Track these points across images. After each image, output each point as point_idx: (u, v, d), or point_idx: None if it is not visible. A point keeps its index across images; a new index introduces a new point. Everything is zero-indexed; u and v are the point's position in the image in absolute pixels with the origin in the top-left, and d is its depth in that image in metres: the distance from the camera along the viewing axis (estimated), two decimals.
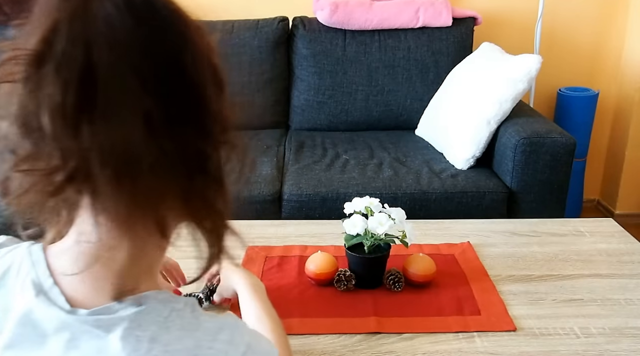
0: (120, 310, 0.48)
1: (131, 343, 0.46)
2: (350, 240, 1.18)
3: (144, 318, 0.48)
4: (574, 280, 1.21)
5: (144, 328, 0.47)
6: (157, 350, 0.46)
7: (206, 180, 0.49)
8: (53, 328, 0.48)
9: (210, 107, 0.49)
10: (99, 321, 0.47)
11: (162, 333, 0.47)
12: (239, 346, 0.50)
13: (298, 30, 2.48)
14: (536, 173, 1.96)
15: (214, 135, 0.49)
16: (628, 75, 2.68)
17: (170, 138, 0.45)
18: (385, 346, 1.00)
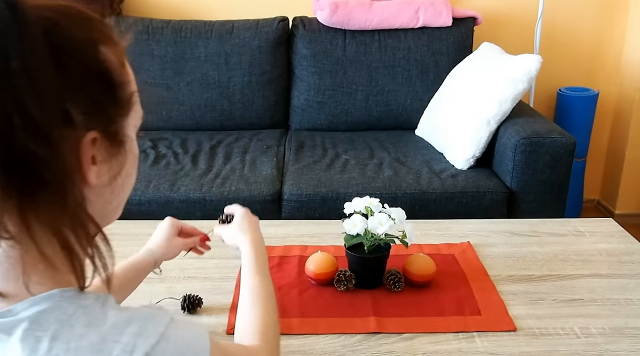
0: (21, 311, 0.47)
1: (30, 343, 0.45)
2: (350, 240, 1.18)
3: (46, 317, 0.47)
4: (574, 280, 1.21)
5: (44, 327, 0.46)
6: (58, 349, 0.46)
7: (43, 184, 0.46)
8: None
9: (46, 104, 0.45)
10: (0, 325, 0.46)
11: (65, 330, 0.47)
12: (150, 337, 0.49)
13: (298, 30, 2.48)
14: (536, 173, 1.96)
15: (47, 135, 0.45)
16: (628, 75, 2.68)
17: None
18: (385, 346, 1.00)
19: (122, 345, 0.47)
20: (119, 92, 0.53)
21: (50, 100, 0.45)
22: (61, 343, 0.46)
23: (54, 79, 0.46)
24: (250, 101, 2.48)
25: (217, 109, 2.46)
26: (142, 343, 0.48)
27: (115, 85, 0.52)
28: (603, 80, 2.76)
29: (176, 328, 0.52)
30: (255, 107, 2.49)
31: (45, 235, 0.48)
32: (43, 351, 0.45)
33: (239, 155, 2.21)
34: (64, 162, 0.46)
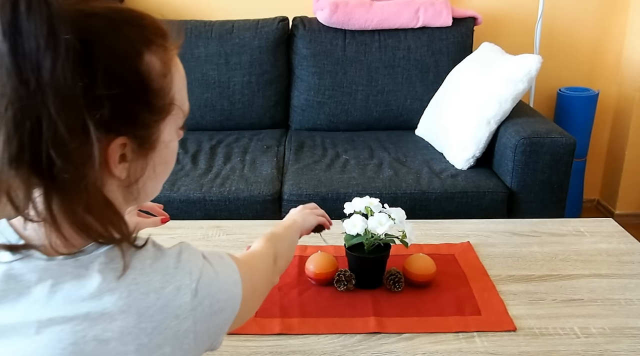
0: (94, 251, 0.54)
1: (110, 273, 0.53)
2: (350, 240, 1.18)
3: (116, 253, 0.55)
4: (574, 280, 1.21)
5: (117, 261, 0.54)
6: (134, 274, 0.54)
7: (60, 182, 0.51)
8: (35, 278, 0.53)
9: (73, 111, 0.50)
10: (78, 261, 0.54)
11: (135, 262, 0.55)
12: (198, 261, 0.59)
13: (298, 30, 2.48)
14: (536, 173, 1.96)
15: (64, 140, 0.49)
16: (628, 75, 2.68)
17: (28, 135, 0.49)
18: (385, 346, 1.00)
19: (182, 267, 0.57)
20: (156, 100, 0.56)
21: (73, 115, 0.49)
22: (134, 270, 0.54)
23: (80, 96, 0.49)
24: (250, 101, 2.48)
25: (217, 109, 2.46)
26: (194, 266, 0.58)
27: (152, 94, 0.56)
28: (603, 80, 2.76)
29: (208, 253, 0.62)
30: (255, 107, 2.49)
31: (67, 220, 0.52)
32: (122, 278, 0.53)
33: (239, 155, 2.21)
34: (78, 167, 0.51)
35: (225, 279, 0.61)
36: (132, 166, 0.57)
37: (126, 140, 0.54)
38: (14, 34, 0.47)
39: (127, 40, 0.54)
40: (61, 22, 0.48)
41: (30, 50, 0.47)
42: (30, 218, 0.53)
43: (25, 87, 0.47)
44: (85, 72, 0.49)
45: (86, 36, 0.50)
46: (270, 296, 1.14)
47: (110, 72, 0.51)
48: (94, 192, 0.53)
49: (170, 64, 0.58)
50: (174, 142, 0.62)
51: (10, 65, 0.47)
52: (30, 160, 0.49)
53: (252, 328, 1.05)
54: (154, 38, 0.56)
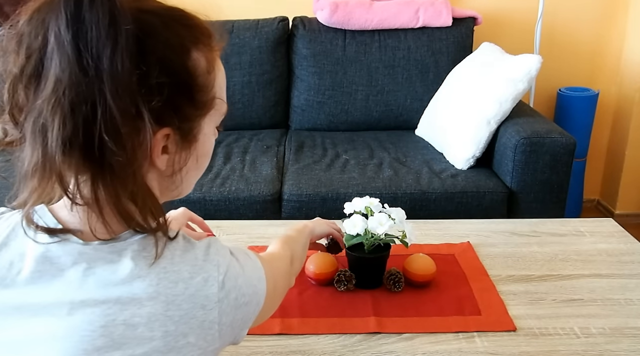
0: (128, 238, 0.57)
1: (141, 260, 0.55)
2: (350, 240, 1.18)
3: (148, 242, 0.57)
4: (574, 280, 1.21)
5: (149, 249, 0.56)
6: (164, 263, 0.56)
7: (111, 170, 0.54)
8: (70, 261, 0.55)
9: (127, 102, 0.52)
10: (113, 247, 0.56)
11: (166, 251, 0.57)
12: (225, 256, 0.61)
13: (298, 30, 2.48)
14: (536, 173, 1.96)
15: (119, 129, 0.52)
16: (628, 75, 2.68)
17: (82, 123, 0.51)
18: (385, 346, 1.00)
19: (210, 258, 0.59)
20: (199, 95, 0.59)
21: (128, 101, 0.52)
22: (165, 260, 0.56)
23: (135, 84, 0.52)
24: (250, 101, 2.48)
25: None
26: (222, 260, 0.60)
27: (196, 89, 0.59)
28: (603, 80, 2.76)
29: (234, 249, 0.64)
30: (255, 107, 2.49)
31: (110, 205, 0.55)
32: (153, 266, 0.55)
33: (239, 155, 2.21)
34: (128, 152, 0.53)
35: (251, 274, 0.63)
36: (173, 158, 0.59)
37: (170, 131, 0.57)
38: (77, 23, 0.50)
39: (178, 37, 0.57)
40: (122, 14, 0.51)
41: (91, 39, 0.50)
42: (76, 201, 0.54)
43: (84, 73, 0.50)
44: (140, 62, 0.52)
45: (143, 30, 0.53)
46: None
47: (162, 65, 0.54)
48: (139, 180, 0.56)
49: (214, 63, 0.61)
50: (213, 137, 0.66)
51: (72, 52, 0.50)
52: (82, 143, 0.51)
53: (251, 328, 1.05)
54: (201, 37, 0.60)
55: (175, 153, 0.59)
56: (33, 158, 0.53)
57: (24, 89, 0.53)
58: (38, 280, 0.55)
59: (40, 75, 0.52)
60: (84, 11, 0.50)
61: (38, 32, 0.51)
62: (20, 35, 0.53)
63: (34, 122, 0.52)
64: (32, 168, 0.53)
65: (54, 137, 0.51)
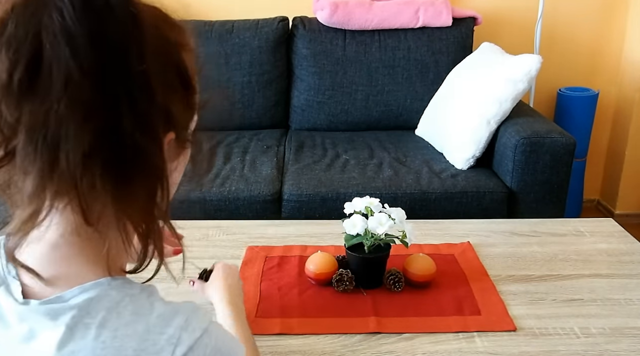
0: (71, 299, 0.49)
1: (80, 330, 0.47)
2: (350, 240, 1.18)
3: (94, 305, 0.48)
4: (574, 280, 1.21)
5: (93, 315, 0.48)
6: (105, 336, 0.47)
7: (141, 176, 0.49)
8: (15, 319, 0.49)
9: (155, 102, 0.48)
10: (49, 310, 0.48)
11: (112, 318, 0.48)
12: (195, 331, 0.50)
13: (298, 30, 2.48)
14: (536, 173, 1.96)
15: (154, 130, 0.49)
16: (628, 75, 2.68)
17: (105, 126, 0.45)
18: (385, 346, 1.00)
19: (167, 336, 0.48)
20: (193, 97, 0.56)
21: (160, 100, 0.48)
22: (108, 330, 0.47)
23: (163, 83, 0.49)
24: (250, 101, 2.48)
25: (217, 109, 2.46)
26: (187, 337, 0.49)
27: (192, 90, 0.56)
28: (603, 80, 2.76)
29: (217, 326, 0.54)
30: (255, 107, 2.49)
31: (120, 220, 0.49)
32: (91, 338, 0.47)
33: (239, 155, 2.21)
34: (162, 155, 0.50)
35: (228, 345, 0.54)
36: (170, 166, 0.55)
37: (173, 135, 0.53)
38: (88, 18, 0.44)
39: (173, 35, 0.54)
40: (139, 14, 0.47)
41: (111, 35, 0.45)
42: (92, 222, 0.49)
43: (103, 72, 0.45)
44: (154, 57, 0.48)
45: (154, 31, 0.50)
46: (270, 296, 1.14)
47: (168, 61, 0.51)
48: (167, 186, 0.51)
49: (194, 65, 0.57)
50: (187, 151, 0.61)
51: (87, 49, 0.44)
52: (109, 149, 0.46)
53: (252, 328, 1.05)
54: (184, 36, 0.56)
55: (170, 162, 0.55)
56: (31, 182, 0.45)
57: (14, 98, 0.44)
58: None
59: (36, 80, 0.43)
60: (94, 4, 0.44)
61: (27, 29, 0.43)
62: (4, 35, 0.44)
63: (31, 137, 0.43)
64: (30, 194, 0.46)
65: (70, 151, 0.44)
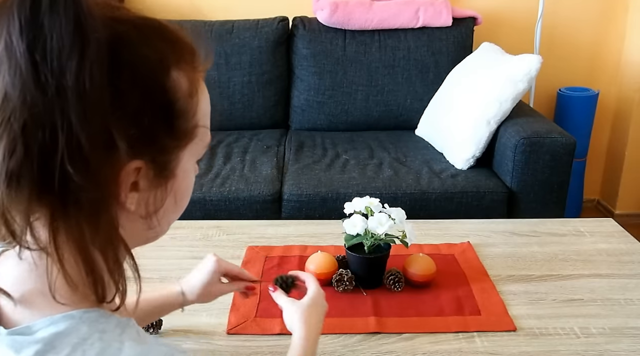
0: (39, 331, 0.46)
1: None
2: (350, 240, 1.18)
3: (61, 340, 0.46)
4: (574, 280, 1.21)
5: (57, 350, 0.45)
6: None
7: (75, 208, 0.44)
8: None
9: (93, 129, 0.43)
10: (14, 341, 0.45)
11: (75, 352, 0.45)
12: None
13: (298, 30, 2.48)
14: (536, 173, 1.96)
15: (89, 162, 0.43)
16: (628, 75, 2.68)
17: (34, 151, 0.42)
18: (385, 346, 1.00)
19: None
20: (179, 122, 0.50)
21: (98, 125, 0.43)
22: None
23: (106, 105, 0.43)
24: (250, 101, 2.48)
25: (217, 109, 2.46)
26: None
27: (175, 115, 0.49)
28: (603, 80, 2.76)
29: None
30: (255, 107, 2.49)
31: (72, 252, 0.46)
32: None
33: (239, 155, 2.21)
34: (100, 187, 0.45)
35: None
36: (146, 196, 0.50)
37: (142, 164, 0.47)
38: (33, 30, 0.41)
39: (156, 51, 0.48)
40: (90, 20, 0.42)
41: (52, 50, 0.41)
42: (28, 246, 0.46)
43: (42, 91, 0.41)
44: (112, 78, 0.44)
45: (115, 40, 0.44)
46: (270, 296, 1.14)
47: (137, 83, 0.46)
48: (112, 222, 0.47)
49: (197, 85, 0.52)
50: (192, 174, 0.56)
51: (26, 65, 0.41)
52: (37, 176, 0.42)
53: (252, 328, 1.05)
54: (183, 55, 0.51)
55: (149, 191, 0.49)
56: None
57: None
58: None
59: None
60: (43, 15, 0.41)
61: None
62: None
63: None
64: None
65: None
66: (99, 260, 0.46)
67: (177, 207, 0.55)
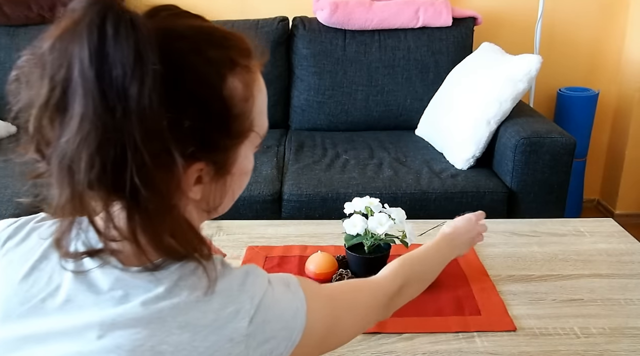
0: (168, 266, 0.54)
1: (174, 292, 0.53)
2: (350, 240, 1.18)
3: (184, 271, 0.55)
4: (574, 280, 1.21)
5: (185, 279, 0.54)
6: (195, 295, 0.54)
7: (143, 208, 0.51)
8: (107, 286, 0.54)
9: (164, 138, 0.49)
10: (152, 276, 0.54)
11: (200, 283, 0.54)
12: (263, 282, 0.58)
13: (298, 30, 2.48)
14: (536, 173, 1.96)
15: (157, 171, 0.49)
16: (628, 75, 2.68)
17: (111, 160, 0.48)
18: (385, 346, 1.00)
19: (247, 288, 0.56)
20: (235, 124, 0.55)
21: (158, 145, 0.48)
22: (199, 291, 0.54)
23: (164, 126, 0.48)
24: None
25: None
26: (258, 288, 0.57)
27: (231, 120, 0.55)
28: (603, 80, 2.76)
29: (277, 281, 0.61)
30: None
31: (148, 239, 0.52)
32: (184, 297, 0.53)
33: None
34: (164, 196, 0.51)
35: (284, 307, 0.59)
36: (208, 187, 0.57)
37: (203, 165, 0.54)
38: (100, 60, 0.46)
39: (211, 64, 0.53)
40: (148, 47, 0.47)
41: (116, 78, 0.46)
42: (112, 238, 0.52)
43: (111, 114, 0.46)
44: (170, 99, 0.49)
45: (171, 61, 0.49)
46: None
47: (194, 99, 0.51)
48: (178, 218, 0.54)
49: (252, 86, 0.57)
50: (251, 159, 0.62)
51: (96, 92, 0.46)
52: (112, 184, 0.49)
53: None
54: (238, 59, 0.55)
55: (211, 183, 0.57)
56: (62, 198, 0.50)
57: (49, 122, 0.49)
58: (73, 301, 0.54)
59: (66, 108, 0.48)
60: (108, 47, 0.46)
61: (62, 62, 0.47)
62: (43, 63, 0.49)
63: (60, 160, 0.48)
64: (61, 206, 0.51)
65: (82, 178, 0.48)
66: (172, 242, 0.54)
67: (235, 194, 0.63)
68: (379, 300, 0.77)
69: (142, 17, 0.48)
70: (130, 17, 0.47)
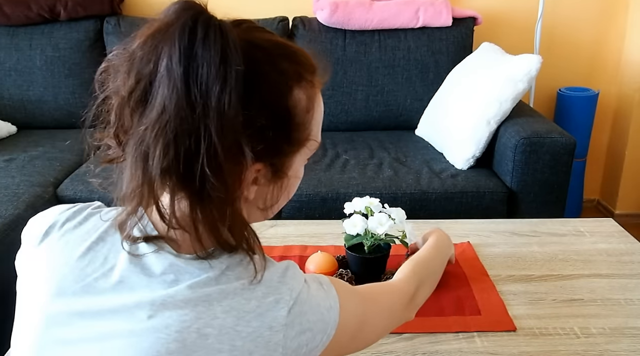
0: (219, 256, 0.58)
1: (222, 280, 0.57)
2: (350, 240, 1.18)
3: (232, 261, 0.59)
4: (574, 280, 1.21)
5: (231, 269, 0.58)
6: (240, 283, 0.57)
7: (207, 200, 0.55)
8: (160, 270, 0.57)
9: (235, 139, 0.54)
10: (203, 263, 0.57)
11: (246, 273, 0.58)
12: (300, 278, 0.62)
13: (298, 30, 2.48)
14: (536, 173, 1.96)
15: (225, 165, 0.53)
16: (628, 75, 2.68)
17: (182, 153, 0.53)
18: (385, 346, 1.00)
19: (286, 280, 0.60)
20: (296, 133, 0.61)
21: (232, 139, 0.53)
22: (244, 280, 0.58)
23: (239, 123, 0.53)
24: None
25: None
26: (296, 283, 0.61)
27: (293, 128, 0.60)
28: (603, 80, 2.76)
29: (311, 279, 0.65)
30: None
31: (205, 229, 0.56)
32: (230, 285, 0.57)
33: None
34: (228, 186, 0.54)
35: (319, 302, 0.62)
36: (263, 190, 0.62)
37: (262, 166, 0.59)
38: (189, 59, 0.51)
39: (282, 74, 0.58)
40: (233, 51, 0.52)
41: (202, 76, 0.51)
42: (173, 225, 0.56)
43: (191, 108, 0.51)
44: (246, 103, 0.53)
45: (250, 68, 0.54)
46: None
47: (265, 106, 0.56)
48: (236, 211, 0.57)
49: (314, 100, 0.62)
50: (302, 172, 0.67)
51: (182, 86, 0.51)
52: (182, 173, 0.53)
53: None
54: (305, 74, 0.60)
55: (266, 186, 0.61)
56: (132, 183, 0.54)
57: (130, 111, 0.54)
58: (126, 282, 0.57)
59: (147, 101, 0.53)
60: (197, 47, 0.51)
61: (150, 58, 0.52)
62: (132, 58, 0.54)
63: (136, 147, 0.53)
64: (131, 192, 0.55)
65: (155, 164, 0.52)
66: (227, 234, 0.58)
67: (287, 198, 0.67)
68: (401, 301, 0.80)
69: (229, 25, 0.54)
70: (219, 23, 0.53)
